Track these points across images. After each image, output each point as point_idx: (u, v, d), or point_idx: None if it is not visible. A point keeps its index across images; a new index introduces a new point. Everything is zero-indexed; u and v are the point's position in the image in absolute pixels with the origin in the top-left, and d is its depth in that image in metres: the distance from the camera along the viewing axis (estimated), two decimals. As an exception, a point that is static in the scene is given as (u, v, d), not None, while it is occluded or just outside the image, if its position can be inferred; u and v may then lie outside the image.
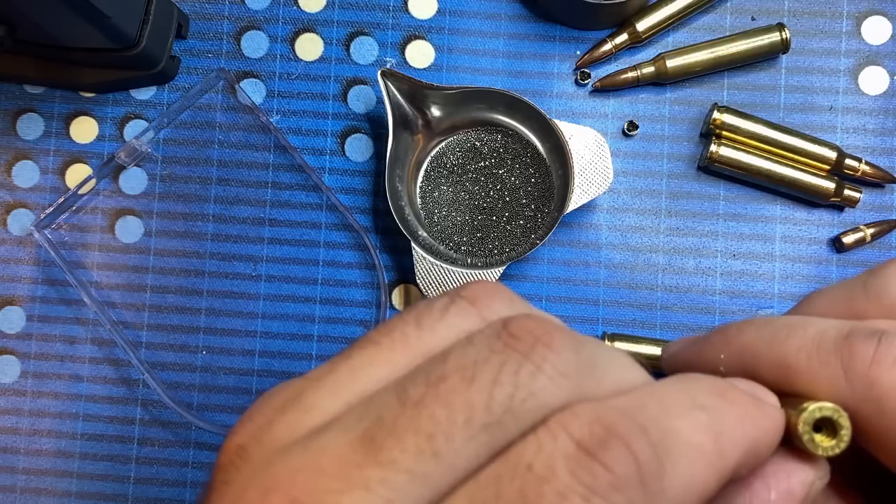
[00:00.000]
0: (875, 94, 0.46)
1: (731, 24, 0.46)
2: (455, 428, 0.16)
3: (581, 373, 0.18)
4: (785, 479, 0.19)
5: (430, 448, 0.16)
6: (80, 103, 0.47)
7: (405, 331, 0.18)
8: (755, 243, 0.45)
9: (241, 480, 0.16)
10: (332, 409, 0.17)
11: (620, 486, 0.15)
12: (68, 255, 0.46)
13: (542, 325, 0.18)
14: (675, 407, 0.17)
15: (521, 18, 0.47)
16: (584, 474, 0.15)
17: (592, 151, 0.43)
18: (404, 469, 0.16)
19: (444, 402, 0.16)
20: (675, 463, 0.16)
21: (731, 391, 0.19)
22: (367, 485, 0.15)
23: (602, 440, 0.16)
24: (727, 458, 0.17)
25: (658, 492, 0.16)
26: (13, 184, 0.47)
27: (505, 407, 0.16)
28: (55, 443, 0.46)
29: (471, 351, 0.17)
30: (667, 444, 0.16)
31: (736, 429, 0.18)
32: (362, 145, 0.46)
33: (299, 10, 0.47)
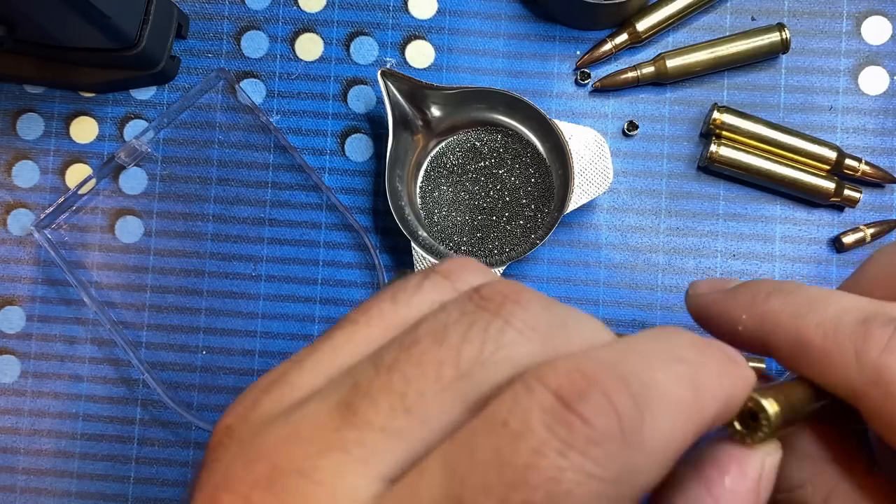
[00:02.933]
0: (875, 94, 0.46)
1: (731, 24, 0.46)
2: (425, 384, 0.16)
3: (552, 329, 0.18)
4: (736, 463, 0.19)
5: (402, 405, 0.16)
6: (80, 103, 0.47)
7: (381, 307, 0.19)
8: (755, 243, 0.45)
9: (228, 457, 0.17)
10: (314, 385, 0.18)
11: (599, 440, 0.15)
12: (68, 255, 0.46)
13: (511, 287, 0.18)
14: (656, 359, 0.17)
15: (521, 18, 0.47)
16: (561, 428, 0.15)
17: (592, 151, 0.43)
18: (378, 428, 0.16)
19: (415, 363, 0.17)
20: (656, 415, 0.16)
21: (710, 347, 0.19)
22: (344, 447, 0.16)
23: (581, 392, 0.15)
24: (706, 411, 0.17)
25: (637, 445, 0.15)
26: (13, 184, 0.47)
27: (474, 360, 0.17)
28: (55, 443, 0.46)
29: (442, 316, 0.18)
30: (647, 395, 0.16)
31: (714, 382, 0.18)
32: (362, 145, 0.46)
33: (299, 9, 0.47)
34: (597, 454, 0.15)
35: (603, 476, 0.15)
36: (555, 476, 0.15)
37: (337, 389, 0.17)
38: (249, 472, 0.16)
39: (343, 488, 0.16)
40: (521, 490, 0.14)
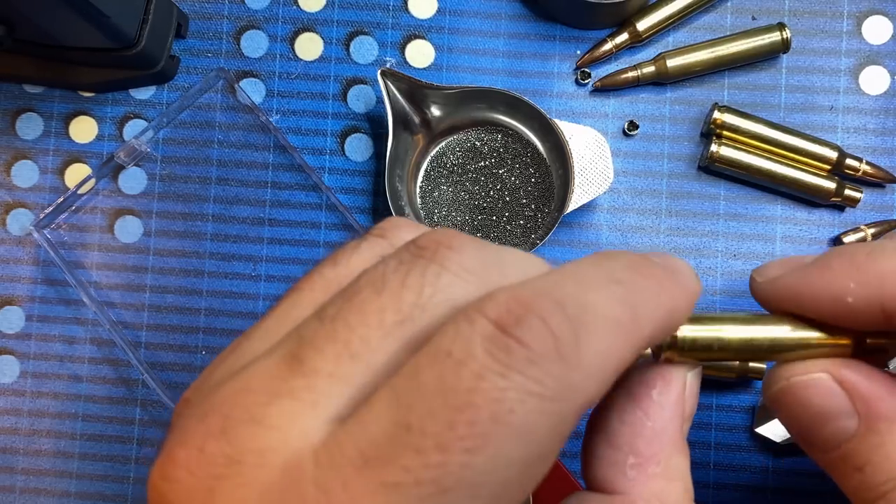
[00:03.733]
0: (876, 93, 0.46)
1: (732, 23, 0.46)
2: (369, 330, 0.17)
3: (487, 268, 0.18)
4: (661, 378, 0.21)
5: (348, 351, 0.17)
6: (80, 103, 0.47)
7: (322, 272, 0.20)
8: (756, 243, 0.45)
9: (183, 419, 0.17)
10: (263, 349, 0.18)
11: (537, 360, 0.16)
12: (67, 254, 0.46)
13: (446, 234, 0.19)
14: (592, 282, 0.18)
15: (522, 18, 0.47)
16: (500, 352, 0.16)
17: (593, 151, 0.43)
18: (325, 374, 0.17)
19: (357, 311, 0.17)
20: (592, 335, 0.17)
21: (647, 265, 0.19)
22: (293, 394, 0.16)
23: (518, 317, 0.16)
24: (643, 329, 0.18)
25: (575, 364, 0.16)
26: (12, 184, 0.47)
27: (413, 304, 0.17)
28: (54, 443, 0.46)
29: (381, 266, 0.18)
30: (583, 317, 0.17)
31: (651, 301, 0.18)
32: (362, 145, 0.46)
33: (299, 9, 0.47)
34: (536, 374, 0.16)
35: (543, 393, 0.16)
36: (497, 396, 0.15)
37: (284, 344, 0.18)
38: (203, 425, 0.17)
39: (295, 430, 0.16)
40: (466, 412, 0.15)
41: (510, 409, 0.15)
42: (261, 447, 0.16)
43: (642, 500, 0.20)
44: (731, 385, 0.44)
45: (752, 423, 0.43)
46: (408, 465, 0.15)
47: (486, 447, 0.15)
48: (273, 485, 0.16)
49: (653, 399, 0.20)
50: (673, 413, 0.20)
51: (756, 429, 0.42)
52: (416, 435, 0.15)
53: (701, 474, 0.44)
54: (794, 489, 0.43)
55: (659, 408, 0.20)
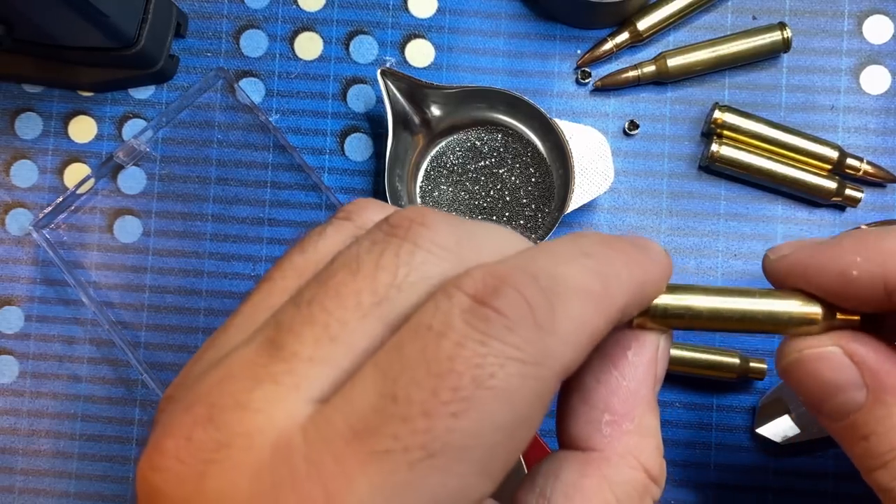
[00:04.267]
0: (877, 93, 0.45)
1: (732, 23, 0.46)
2: (346, 313, 0.17)
3: (461, 244, 0.19)
4: (636, 340, 0.22)
5: (327, 335, 0.17)
6: (79, 103, 0.47)
7: (292, 259, 0.20)
8: (756, 243, 0.45)
9: (168, 413, 0.18)
10: (241, 340, 0.18)
11: (514, 328, 0.16)
12: (67, 254, 0.46)
13: (418, 211, 0.19)
14: (564, 256, 0.19)
15: (522, 17, 0.46)
16: (479, 322, 0.16)
17: (593, 151, 0.43)
18: (306, 358, 0.17)
19: (333, 295, 0.18)
20: (565, 304, 0.17)
21: (617, 241, 0.20)
22: (275, 379, 0.17)
23: (494, 289, 0.17)
24: (614, 298, 0.19)
25: (551, 331, 0.17)
26: (11, 183, 0.47)
27: (389, 284, 0.18)
28: (54, 443, 0.46)
29: (355, 248, 0.19)
30: (556, 287, 0.18)
31: (622, 272, 0.19)
32: (362, 145, 0.46)
33: (299, 8, 0.47)
34: (513, 340, 0.16)
35: (522, 358, 0.16)
36: (478, 362, 0.16)
37: (262, 332, 0.18)
38: (188, 415, 0.17)
39: (280, 412, 0.16)
40: (449, 378, 0.16)
41: (491, 373, 0.16)
42: (248, 430, 0.16)
43: (617, 456, 0.20)
44: (731, 386, 0.44)
45: (752, 424, 0.43)
46: (396, 434, 0.15)
47: (470, 411, 0.16)
48: (264, 464, 0.16)
49: (628, 359, 0.21)
50: (646, 373, 0.21)
51: (757, 429, 0.42)
52: (402, 404, 0.16)
53: (702, 475, 0.44)
54: (795, 490, 0.43)
55: (633, 368, 0.21)
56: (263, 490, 0.16)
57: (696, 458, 0.44)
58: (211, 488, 0.16)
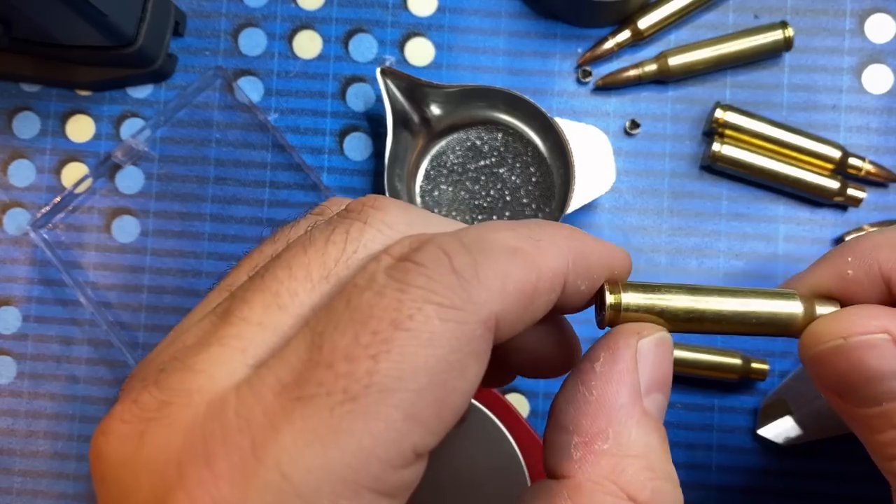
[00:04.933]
0: (879, 92, 0.45)
1: (734, 21, 0.46)
2: (296, 283, 0.18)
3: (411, 227, 0.19)
4: (605, 350, 0.20)
5: (276, 303, 0.18)
6: (77, 102, 0.47)
7: (261, 248, 0.21)
8: (758, 243, 0.45)
9: (124, 386, 0.18)
10: (200, 317, 0.19)
11: (433, 275, 0.17)
12: (64, 254, 0.46)
13: (373, 197, 0.20)
14: (494, 226, 0.19)
15: (522, 16, 0.46)
16: (398, 273, 0.17)
17: (594, 150, 0.42)
18: (254, 323, 0.17)
19: (285, 266, 0.18)
20: (490, 258, 0.18)
21: (562, 227, 0.20)
22: (221, 341, 0.17)
23: (417, 247, 0.17)
24: (548, 259, 0.19)
25: (472, 279, 0.17)
26: (9, 183, 0.47)
27: (337, 259, 0.18)
28: (52, 444, 0.45)
29: (311, 229, 0.19)
30: (480, 244, 0.18)
31: (558, 238, 0.19)
32: (361, 144, 0.46)
33: (298, 7, 0.47)
34: (432, 286, 0.17)
35: (441, 301, 0.16)
36: (396, 306, 0.16)
37: (219, 305, 0.19)
38: (139, 381, 0.17)
39: (222, 372, 0.17)
40: (369, 323, 0.16)
41: (409, 315, 0.16)
42: (188, 389, 0.17)
43: (590, 482, 0.18)
44: (733, 386, 0.44)
45: (754, 425, 0.43)
46: (320, 380, 0.16)
47: (389, 352, 0.16)
48: (197, 420, 0.16)
49: (595, 371, 0.19)
50: (620, 383, 0.19)
51: (758, 430, 0.42)
52: (327, 352, 0.16)
53: (703, 476, 0.43)
54: (797, 491, 0.43)
55: (602, 380, 0.19)
56: (195, 443, 0.16)
57: (698, 460, 0.43)
58: (148, 445, 0.16)
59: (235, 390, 0.16)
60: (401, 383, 0.16)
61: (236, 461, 0.15)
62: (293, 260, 0.18)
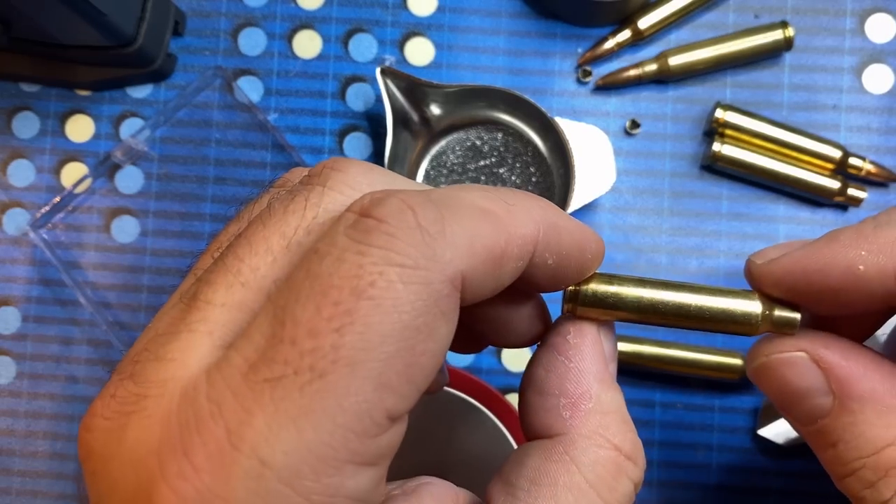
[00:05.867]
0: (879, 92, 0.45)
1: (734, 21, 0.46)
2: (257, 258, 0.17)
3: (373, 187, 0.19)
4: (573, 325, 0.22)
5: (238, 280, 0.17)
6: (76, 101, 0.47)
7: (227, 229, 0.20)
8: (759, 243, 0.45)
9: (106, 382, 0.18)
10: (172, 305, 0.19)
11: (395, 232, 0.16)
12: (64, 254, 0.46)
13: (335, 159, 0.19)
14: (469, 187, 0.19)
15: (522, 16, 0.46)
16: (359, 233, 0.16)
17: (594, 150, 0.42)
18: (219, 304, 0.17)
19: (245, 243, 0.18)
20: (457, 215, 0.17)
21: (536, 197, 0.20)
22: (189, 326, 0.17)
23: (378, 201, 0.17)
24: (518, 223, 0.18)
25: (438, 235, 0.16)
26: (8, 183, 0.47)
27: (297, 227, 0.18)
28: (51, 445, 0.45)
29: (272, 201, 0.19)
30: (448, 201, 0.17)
31: (531, 205, 0.19)
32: (361, 144, 0.46)
33: (297, 7, 0.46)
34: (394, 245, 0.16)
35: (403, 262, 0.16)
36: (356, 273, 0.16)
37: (187, 291, 0.18)
38: (117, 376, 0.17)
39: (192, 359, 0.17)
40: (330, 294, 0.15)
41: (370, 281, 0.16)
42: (162, 378, 0.17)
43: (582, 437, 0.20)
44: (733, 387, 0.44)
45: (754, 425, 0.43)
46: (286, 358, 0.15)
47: (353, 323, 0.15)
48: (172, 409, 0.16)
49: (569, 342, 0.21)
50: (593, 353, 0.21)
51: (759, 431, 0.42)
52: (290, 327, 0.16)
53: (703, 476, 0.43)
54: (797, 491, 0.43)
55: (577, 350, 0.21)
56: (171, 434, 0.16)
57: (698, 460, 0.43)
58: (130, 439, 0.16)
59: (206, 375, 0.16)
60: (367, 354, 0.15)
61: (214, 450, 0.15)
62: (253, 235, 0.18)
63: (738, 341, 0.44)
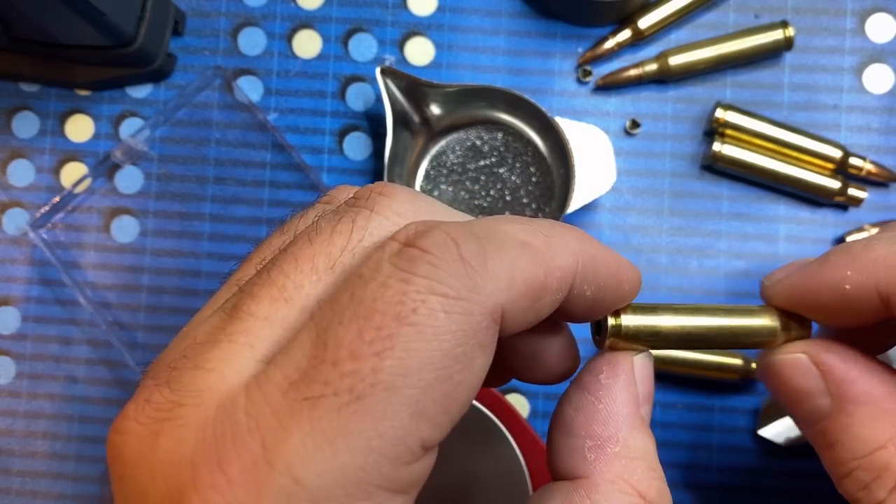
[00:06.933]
0: (880, 92, 0.45)
1: (735, 21, 0.46)
2: (301, 275, 0.18)
3: (419, 213, 0.19)
4: (607, 363, 0.21)
5: (283, 296, 0.18)
6: (76, 101, 0.47)
7: (270, 241, 0.21)
8: (759, 243, 0.45)
9: (139, 384, 0.18)
10: (211, 313, 0.19)
11: (439, 264, 0.16)
12: (64, 254, 0.46)
13: (382, 184, 0.20)
14: (509, 219, 0.19)
15: (523, 15, 0.46)
16: (404, 262, 0.16)
17: (595, 150, 0.42)
18: (262, 318, 0.17)
19: (291, 259, 0.18)
20: (498, 249, 0.17)
21: (574, 229, 0.20)
22: (230, 338, 0.17)
23: (423, 232, 0.17)
24: (557, 257, 0.18)
25: (480, 268, 0.17)
26: (8, 183, 0.46)
27: (343, 248, 0.18)
28: (51, 445, 0.45)
29: (317, 219, 0.19)
30: (490, 235, 0.17)
31: (569, 238, 0.19)
32: (361, 144, 0.46)
33: (297, 6, 0.46)
34: (438, 275, 0.16)
35: (446, 292, 0.16)
36: (400, 299, 0.16)
37: (228, 301, 0.18)
38: (152, 380, 0.18)
39: (231, 370, 0.17)
40: (373, 318, 0.16)
41: (413, 308, 0.16)
42: (199, 388, 0.17)
43: (605, 481, 0.20)
44: (733, 387, 0.44)
45: (755, 426, 0.43)
46: (327, 379, 0.16)
47: (394, 348, 0.16)
48: (208, 420, 0.16)
49: (601, 383, 0.21)
50: (625, 395, 0.21)
51: (759, 431, 0.42)
52: (332, 349, 0.16)
53: (703, 476, 0.43)
54: (798, 492, 0.43)
55: (608, 391, 0.21)
56: (206, 445, 0.16)
57: (698, 460, 0.43)
58: (163, 446, 0.16)
59: (245, 389, 0.16)
60: (406, 380, 0.16)
61: (248, 464, 0.15)
62: (299, 252, 0.18)
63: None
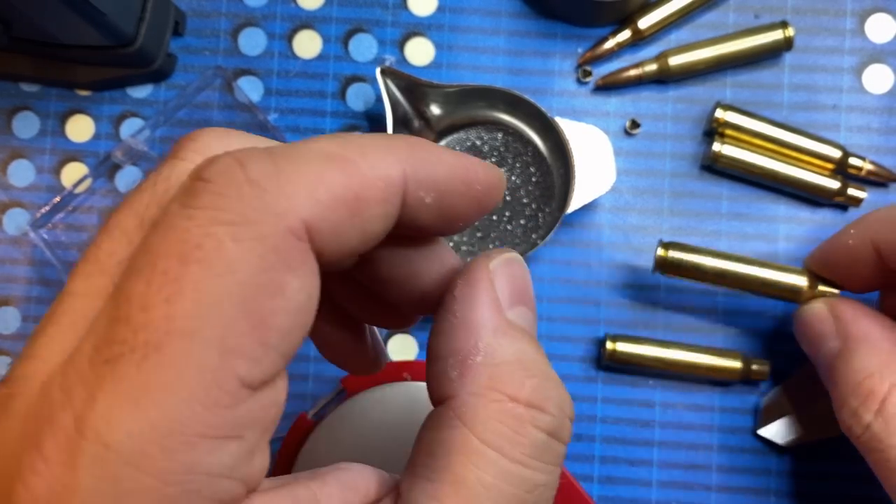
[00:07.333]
0: (879, 92, 0.45)
1: (734, 21, 0.46)
2: (113, 242, 0.17)
3: (227, 150, 0.17)
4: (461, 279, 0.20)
5: (97, 268, 0.17)
6: (76, 101, 0.47)
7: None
8: (759, 243, 0.45)
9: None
10: None
11: (223, 191, 0.15)
12: (64, 255, 0.46)
13: (198, 130, 0.19)
14: (322, 137, 0.17)
15: (523, 16, 0.46)
16: (187, 198, 0.15)
17: (594, 150, 0.42)
18: (80, 294, 0.17)
19: (103, 229, 0.17)
20: (297, 164, 0.16)
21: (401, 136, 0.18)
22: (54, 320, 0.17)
23: (210, 161, 0.16)
24: (376, 165, 0.17)
25: (273, 186, 0.15)
26: (8, 183, 0.47)
27: (148, 203, 0.17)
28: (51, 445, 0.45)
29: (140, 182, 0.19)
30: (290, 152, 0.16)
31: (395, 146, 0.18)
32: (361, 144, 0.46)
33: (297, 7, 0.46)
34: (220, 202, 0.15)
35: (232, 219, 0.15)
36: (182, 238, 0.15)
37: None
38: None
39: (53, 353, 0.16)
40: (158, 263, 0.15)
41: (197, 244, 0.15)
42: (26, 375, 0.16)
43: (471, 395, 0.18)
44: (733, 387, 0.44)
45: (754, 425, 0.43)
46: (123, 337, 0.15)
47: (182, 291, 0.15)
48: (31, 405, 0.16)
49: (455, 296, 0.19)
50: (483, 301, 0.19)
51: (759, 431, 0.42)
52: (124, 305, 0.15)
53: (703, 477, 0.43)
54: (798, 492, 0.43)
55: (463, 302, 0.19)
56: (28, 430, 0.15)
57: (698, 460, 0.43)
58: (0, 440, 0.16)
59: (61, 367, 0.16)
60: (203, 320, 0.15)
61: (62, 440, 0.15)
62: (110, 220, 0.17)
63: (739, 342, 0.44)
